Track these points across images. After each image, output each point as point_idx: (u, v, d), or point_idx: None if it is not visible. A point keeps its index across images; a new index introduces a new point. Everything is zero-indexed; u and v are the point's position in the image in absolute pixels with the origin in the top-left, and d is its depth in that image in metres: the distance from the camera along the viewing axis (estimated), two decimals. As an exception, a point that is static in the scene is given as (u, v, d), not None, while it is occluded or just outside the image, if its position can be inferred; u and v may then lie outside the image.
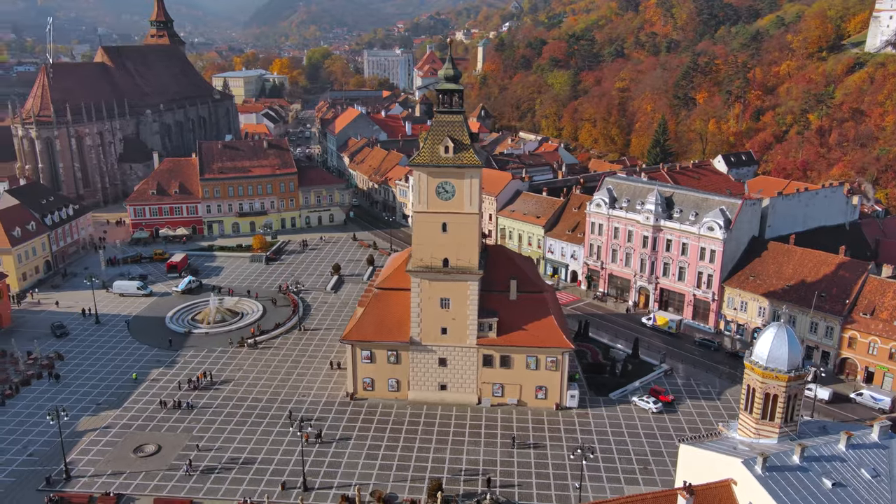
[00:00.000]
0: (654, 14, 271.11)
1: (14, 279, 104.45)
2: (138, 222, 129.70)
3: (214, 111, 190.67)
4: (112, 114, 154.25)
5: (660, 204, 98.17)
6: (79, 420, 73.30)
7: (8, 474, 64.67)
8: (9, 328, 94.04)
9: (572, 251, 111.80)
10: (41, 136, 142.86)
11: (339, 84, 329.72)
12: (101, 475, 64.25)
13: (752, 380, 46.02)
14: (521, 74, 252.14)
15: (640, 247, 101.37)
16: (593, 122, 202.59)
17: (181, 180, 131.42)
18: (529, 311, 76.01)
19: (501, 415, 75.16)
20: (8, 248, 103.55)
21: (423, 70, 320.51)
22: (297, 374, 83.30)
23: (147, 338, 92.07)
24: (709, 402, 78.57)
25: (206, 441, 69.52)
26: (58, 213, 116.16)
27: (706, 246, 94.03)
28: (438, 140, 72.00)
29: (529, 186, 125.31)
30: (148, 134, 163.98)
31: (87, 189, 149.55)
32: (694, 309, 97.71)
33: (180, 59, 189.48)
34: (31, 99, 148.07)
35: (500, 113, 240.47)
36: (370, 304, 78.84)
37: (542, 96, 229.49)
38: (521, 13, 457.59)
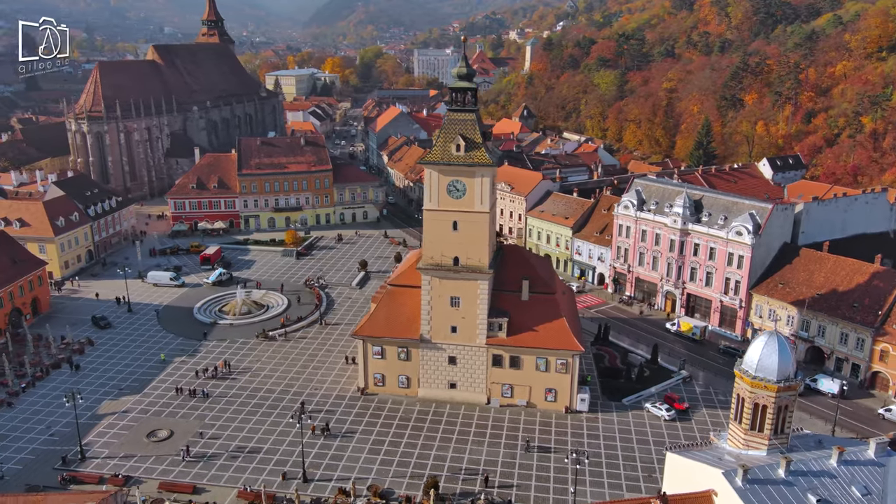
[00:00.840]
0: (708, 13, 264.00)
1: (56, 267, 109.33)
2: (178, 215, 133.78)
3: (261, 108, 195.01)
4: (160, 110, 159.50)
5: (688, 207, 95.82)
6: (100, 404, 76.22)
7: (29, 452, 67.76)
8: (48, 313, 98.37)
9: (600, 253, 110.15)
10: (92, 130, 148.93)
11: (389, 83, 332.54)
12: (114, 457, 66.69)
13: (742, 389, 44.61)
14: (569, 74, 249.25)
15: (668, 250, 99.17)
16: (638, 122, 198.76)
17: (220, 175, 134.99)
18: (541, 312, 75.27)
19: (510, 416, 74.70)
20: (51, 237, 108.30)
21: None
22: (313, 368, 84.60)
23: (174, 327, 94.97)
24: (725, 411, 76.10)
25: (217, 429, 71.31)
26: (101, 205, 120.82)
27: (734, 251, 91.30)
28: (450, 138, 72.01)
29: (561, 187, 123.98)
30: (194, 130, 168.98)
31: (134, 182, 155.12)
32: (721, 316, 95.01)
33: (229, 57, 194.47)
34: (84, 95, 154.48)
35: (545, 113, 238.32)
36: (382, 301, 79.48)
37: (588, 96, 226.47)
38: (575, 12, 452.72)
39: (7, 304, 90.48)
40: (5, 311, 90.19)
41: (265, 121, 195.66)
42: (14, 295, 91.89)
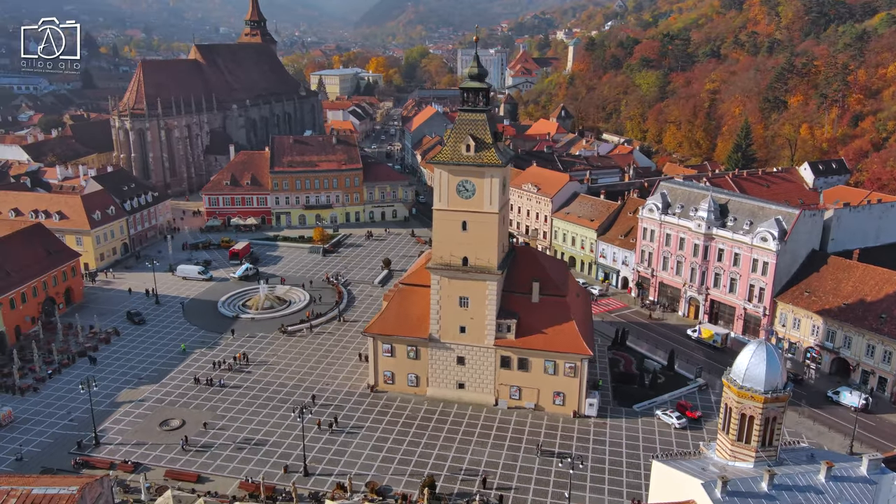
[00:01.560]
0: (758, 12, 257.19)
1: (92, 259, 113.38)
2: (212, 211, 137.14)
3: (300, 107, 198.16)
4: (200, 108, 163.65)
5: (713, 211, 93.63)
6: (120, 392, 78.79)
7: (49, 436, 70.48)
8: (80, 303, 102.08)
9: (624, 257, 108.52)
10: (134, 127, 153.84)
11: (431, 83, 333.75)
12: (127, 444, 68.87)
13: (729, 399, 43.41)
14: (610, 75, 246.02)
15: (691, 255, 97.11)
16: (678, 124, 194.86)
17: (253, 172, 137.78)
18: (551, 314, 74.67)
19: (516, 418, 74.32)
20: (88, 230, 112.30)
21: (515, 69, 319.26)
22: (327, 363, 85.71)
23: (198, 319, 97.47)
24: (740, 421, 74.18)
25: (227, 420, 72.95)
26: (137, 200, 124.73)
27: (759, 257, 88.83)
28: (460, 138, 72.04)
29: (588, 189, 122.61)
30: (234, 128, 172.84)
31: (173, 178, 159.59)
32: (744, 323, 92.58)
33: (270, 56, 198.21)
34: (128, 93, 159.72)
35: (586, 114, 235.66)
36: (393, 299, 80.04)
37: (628, 97, 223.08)
38: (625, 12, 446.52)
39: (41, 294, 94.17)
40: (39, 300, 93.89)
41: (304, 119, 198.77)
42: (48, 285, 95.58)
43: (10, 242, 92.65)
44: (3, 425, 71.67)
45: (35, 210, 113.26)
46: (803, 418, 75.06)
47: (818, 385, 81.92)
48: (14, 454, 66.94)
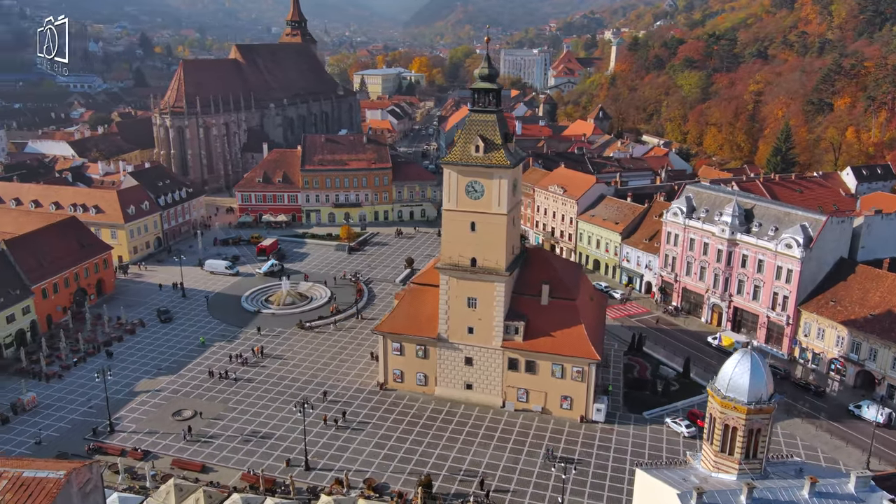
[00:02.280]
0: (809, 11, 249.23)
1: (125, 252, 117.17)
2: (245, 207, 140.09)
3: (337, 106, 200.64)
4: (238, 106, 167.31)
5: (737, 216, 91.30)
6: (139, 381, 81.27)
7: (68, 422, 73.22)
8: (111, 295, 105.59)
9: (648, 261, 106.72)
10: (174, 125, 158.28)
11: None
12: (140, 432, 71.03)
13: (713, 408, 42.42)
14: (653, 75, 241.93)
15: (715, 261, 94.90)
16: (719, 126, 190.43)
17: (285, 170, 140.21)
18: (560, 317, 74.02)
19: (522, 421, 73.92)
20: (122, 223, 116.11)
21: (558, 70, 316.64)
22: (340, 360, 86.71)
23: (221, 313, 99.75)
24: (753, 432, 72.25)
25: (237, 413, 74.52)
26: (171, 195, 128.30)
27: (783, 264, 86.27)
28: (469, 139, 72.02)
29: (616, 191, 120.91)
30: (271, 126, 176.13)
31: (210, 175, 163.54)
32: (767, 332, 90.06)
33: (310, 56, 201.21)
34: (169, 92, 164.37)
35: (626, 115, 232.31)
36: (404, 298, 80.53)
37: (669, 98, 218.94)
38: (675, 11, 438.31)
39: (73, 285, 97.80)
40: (71, 290, 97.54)
41: (341, 118, 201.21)
42: (80, 276, 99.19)
43: (44, 235, 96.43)
44: (27, 410, 74.74)
45: (73, 204, 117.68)
46: (821, 432, 72.69)
47: (840, 398, 79.16)
48: (34, 438, 69.80)
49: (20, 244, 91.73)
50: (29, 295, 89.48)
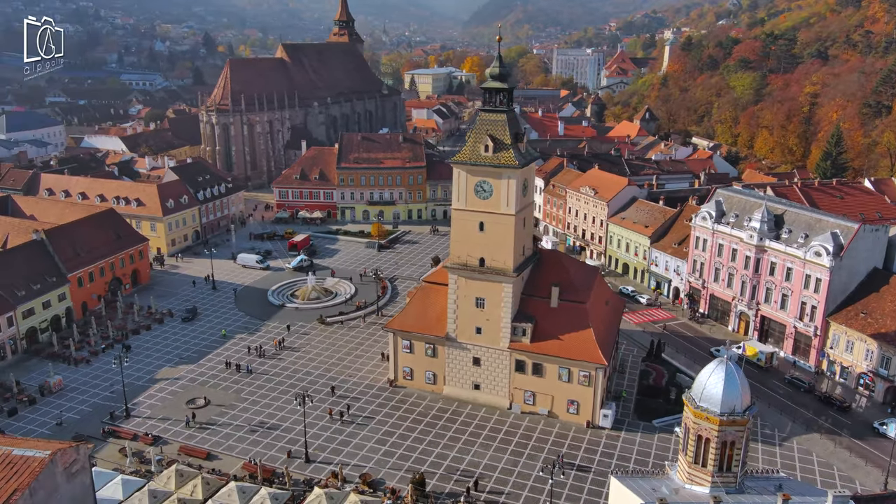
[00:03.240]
0: (877, 10, 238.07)
1: (164, 244, 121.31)
2: (282, 203, 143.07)
3: (381, 105, 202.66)
4: (283, 104, 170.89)
5: (766, 221, 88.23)
6: (160, 369, 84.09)
7: (89, 405, 76.35)
8: (146, 285, 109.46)
9: (676, 266, 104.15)
10: (219, 122, 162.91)
11: (524, 83, 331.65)
12: (154, 418, 73.52)
13: (688, 418, 41.31)
14: (706, 76, 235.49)
15: (743, 267, 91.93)
16: (771, 129, 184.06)
17: (322, 167, 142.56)
18: (568, 320, 73.09)
19: (527, 423, 73.30)
20: (160, 216, 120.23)
21: (610, 70, 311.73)
22: (356, 355, 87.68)
23: (246, 306, 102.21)
24: (766, 445, 69.96)
25: (247, 403, 76.30)
26: (210, 190, 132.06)
27: (812, 273, 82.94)
28: (479, 138, 71.80)
29: (649, 194, 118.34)
30: (314, 124, 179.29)
31: (254, 171, 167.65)
32: (794, 343, 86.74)
33: (356, 56, 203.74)
34: (216, 89, 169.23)
35: (676, 116, 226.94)
36: (415, 296, 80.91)
37: (721, 100, 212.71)
38: (738, 10, 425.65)
39: (108, 274, 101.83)
40: (106, 279, 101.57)
41: (385, 117, 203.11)
42: (115, 266, 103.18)
43: (83, 225, 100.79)
44: (53, 392, 78.31)
45: (117, 196, 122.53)
46: (839, 448, 69.65)
47: (867, 415, 75.66)
48: (56, 419, 73.08)
49: (59, 234, 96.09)
50: (65, 282, 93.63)
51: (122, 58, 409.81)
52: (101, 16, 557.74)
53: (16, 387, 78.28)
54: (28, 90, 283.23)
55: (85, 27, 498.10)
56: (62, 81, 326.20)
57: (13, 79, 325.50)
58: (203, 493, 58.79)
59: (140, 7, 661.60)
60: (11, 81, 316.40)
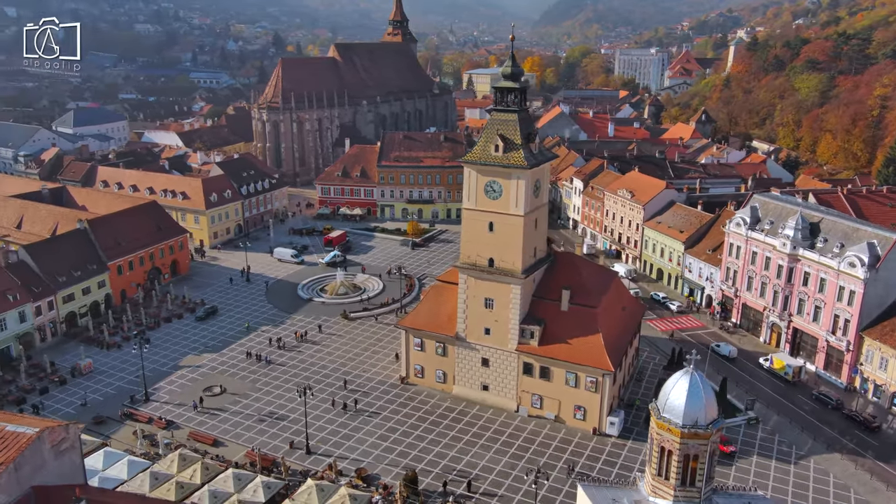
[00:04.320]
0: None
1: (206, 236, 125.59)
2: (324, 199, 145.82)
3: (432, 105, 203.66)
4: (332, 103, 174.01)
5: (801, 229, 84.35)
6: (185, 356, 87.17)
7: (114, 388, 79.83)
8: (186, 275, 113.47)
9: (709, 273, 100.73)
10: (270, 119, 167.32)
11: (585, 83, 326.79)
12: (170, 403, 76.32)
13: (652, 428, 39.99)
14: (770, 77, 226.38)
15: (775, 277, 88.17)
16: (834, 133, 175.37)
17: (363, 165, 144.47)
18: (578, 325, 71.85)
19: (532, 427, 72.48)
20: (203, 209, 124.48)
21: (674, 70, 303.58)
22: (373, 351, 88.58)
23: (275, 299, 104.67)
24: (781, 463, 66.98)
25: (260, 393, 78.23)
26: (254, 185, 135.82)
27: (846, 285, 78.84)
28: (490, 138, 71.39)
29: (688, 198, 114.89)
30: (363, 123, 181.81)
31: (302, 167, 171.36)
32: (826, 357, 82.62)
33: (408, 55, 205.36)
34: (268, 88, 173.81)
35: (737, 119, 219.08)
36: (428, 295, 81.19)
37: (784, 102, 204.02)
38: (818, 8, 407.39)
39: (147, 263, 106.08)
40: (145, 269, 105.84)
41: (435, 116, 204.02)
42: (155, 256, 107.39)
43: (125, 216, 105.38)
44: (83, 374, 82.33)
45: (165, 189, 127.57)
46: (860, 471, 66.00)
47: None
48: (81, 399, 76.81)
49: (101, 224, 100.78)
50: (105, 270, 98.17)
51: (195, 57, 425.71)
52: (179, 16, 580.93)
53: (49, 367, 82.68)
54: (105, 87, 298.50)
55: (164, 27, 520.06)
56: (137, 79, 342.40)
57: (93, 76, 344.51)
58: (202, 477, 60.78)
59: (217, 7, 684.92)
60: (92, 79, 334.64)
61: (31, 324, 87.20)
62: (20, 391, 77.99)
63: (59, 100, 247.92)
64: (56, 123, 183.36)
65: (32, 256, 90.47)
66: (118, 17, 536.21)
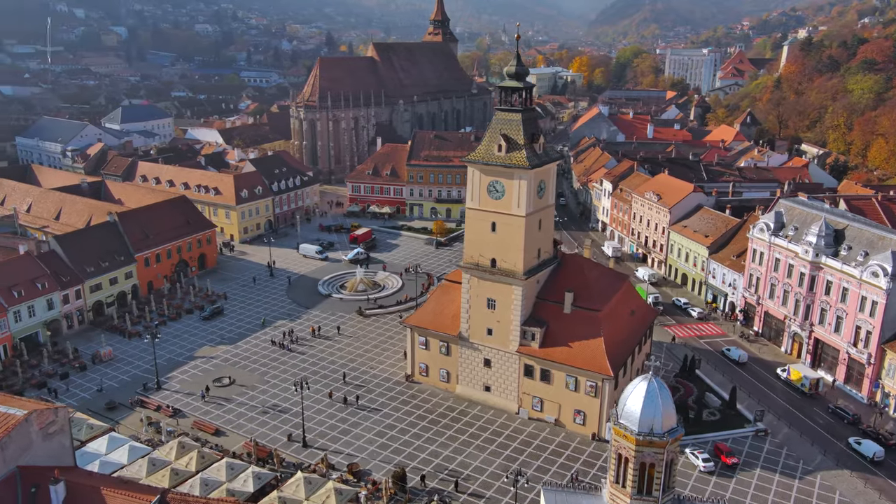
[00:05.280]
0: None
1: (236, 230, 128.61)
2: (354, 197, 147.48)
3: (470, 105, 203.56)
4: (369, 102, 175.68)
5: (824, 236, 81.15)
6: (201, 347, 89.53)
7: (130, 376, 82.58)
8: (213, 269, 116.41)
9: (733, 279, 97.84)
10: (307, 117, 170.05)
11: (633, 84, 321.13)
12: (180, 392, 78.52)
13: (612, 434, 39.19)
14: (824, 78, 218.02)
15: (797, 284, 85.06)
16: (887, 137, 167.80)
17: (393, 164, 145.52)
18: (580, 328, 70.88)
19: (531, 430, 71.83)
20: (234, 205, 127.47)
21: (726, 71, 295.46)
22: (382, 348, 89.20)
23: (296, 294, 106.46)
24: (785, 477, 64.64)
25: (267, 385, 79.70)
26: (285, 182, 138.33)
27: (868, 295, 75.48)
28: (493, 138, 71.05)
29: (716, 202, 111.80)
30: (399, 122, 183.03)
31: (337, 165, 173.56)
32: (847, 370, 79.26)
33: (447, 55, 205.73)
34: (306, 86, 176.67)
35: (786, 121, 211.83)
36: (434, 294, 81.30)
37: (836, 104, 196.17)
38: (886, 6, 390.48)
39: (175, 256, 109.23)
40: (173, 261, 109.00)
41: (473, 116, 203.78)
42: (182, 249, 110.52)
43: (154, 210, 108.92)
44: (103, 360, 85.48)
45: (199, 185, 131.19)
46: (869, 489, 63.20)
47: (915, 455, 68.02)
48: (98, 385, 79.75)
49: (130, 217, 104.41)
50: (132, 262, 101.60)
51: (249, 56, 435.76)
52: (238, 17, 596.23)
53: (72, 353, 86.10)
54: (161, 85, 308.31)
55: (222, 28, 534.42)
56: (192, 78, 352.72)
57: (152, 75, 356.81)
58: (197, 465, 62.31)
59: (275, 8, 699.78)
60: (150, 77, 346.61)
61: (58, 311, 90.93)
62: (43, 375, 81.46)
63: (116, 97, 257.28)
64: (105, 120, 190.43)
65: (62, 247, 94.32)
66: (180, 17, 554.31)
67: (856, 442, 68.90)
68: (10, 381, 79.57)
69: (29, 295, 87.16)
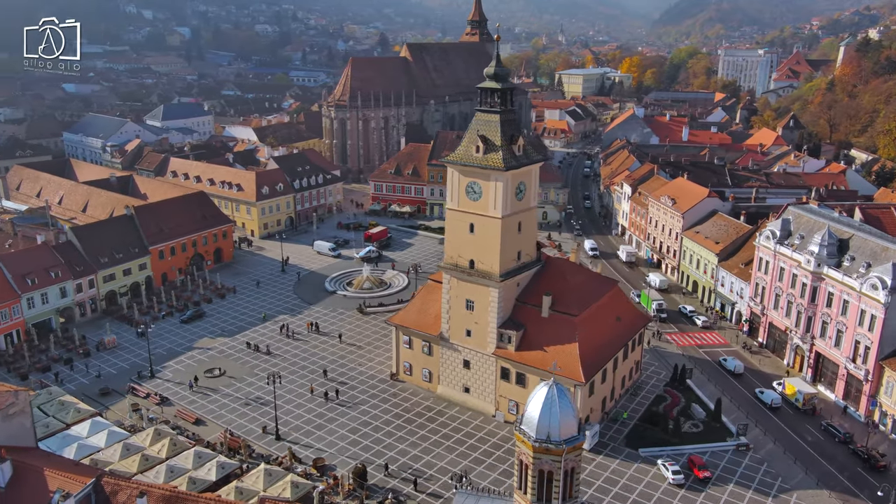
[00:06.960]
0: None
1: (256, 226, 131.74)
2: (376, 196, 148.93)
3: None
4: (399, 102, 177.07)
5: (827, 246, 77.73)
6: (200, 339, 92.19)
7: (128, 364, 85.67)
8: (228, 263, 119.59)
9: (740, 288, 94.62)
10: (337, 117, 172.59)
11: (685, 85, 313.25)
12: (172, 381, 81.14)
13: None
14: (880, 80, 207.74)
15: (799, 295, 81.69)
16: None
17: (415, 164, 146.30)
18: (556, 332, 69.99)
19: (505, 433, 71.20)
20: (254, 201, 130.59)
21: (781, 72, 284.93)
22: (374, 346, 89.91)
23: (302, 290, 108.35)
24: (759, 495, 62.33)
25: (254, 378, 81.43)
26: (307, 180, 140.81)
27: (867, 308, 71.96)
28: (472, 139, 70.82)
29: (732, 208, 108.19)
30: (429, 122, 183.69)
31: (366, 164, 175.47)
32: (846, 386, 75.69)
33: (482, 55, 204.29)
34: (338, 86, 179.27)
35: (836, 125, 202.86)
36: (419, 293, 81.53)
37: (889, 107, 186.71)
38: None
39: (190, 250, 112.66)
40: (188, 255, 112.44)
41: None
42: (198, 243, 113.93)
43: (171, 204, 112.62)
44: (107, 348, 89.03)
45: (223, 181, 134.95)
46: (848, 512, 60.21)
47: (905, 479, 64.43)
48: (96, 371, 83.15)
49: (146, 210, 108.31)
50: (146, 254, 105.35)
51: (304, 56, 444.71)
52: (297, 17, 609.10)
53: (79, 340, 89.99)
54: (215, 84, 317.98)
55: (282, 28, 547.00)
56: (246, 77, 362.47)
57: (208, 74, 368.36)
58: (167, 452, 64.15)
59: (335, 8, 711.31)
60: (206, 76, 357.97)
61: (70, 299, 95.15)
62: (49, 360, 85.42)
63: (168, 96, 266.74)
64: (147, 117, 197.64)
65: (78, 238, 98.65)
66: (241, 18, 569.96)
67: (723, 360, 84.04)
68: (17, 364, 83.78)
69: (42, 283, 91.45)
